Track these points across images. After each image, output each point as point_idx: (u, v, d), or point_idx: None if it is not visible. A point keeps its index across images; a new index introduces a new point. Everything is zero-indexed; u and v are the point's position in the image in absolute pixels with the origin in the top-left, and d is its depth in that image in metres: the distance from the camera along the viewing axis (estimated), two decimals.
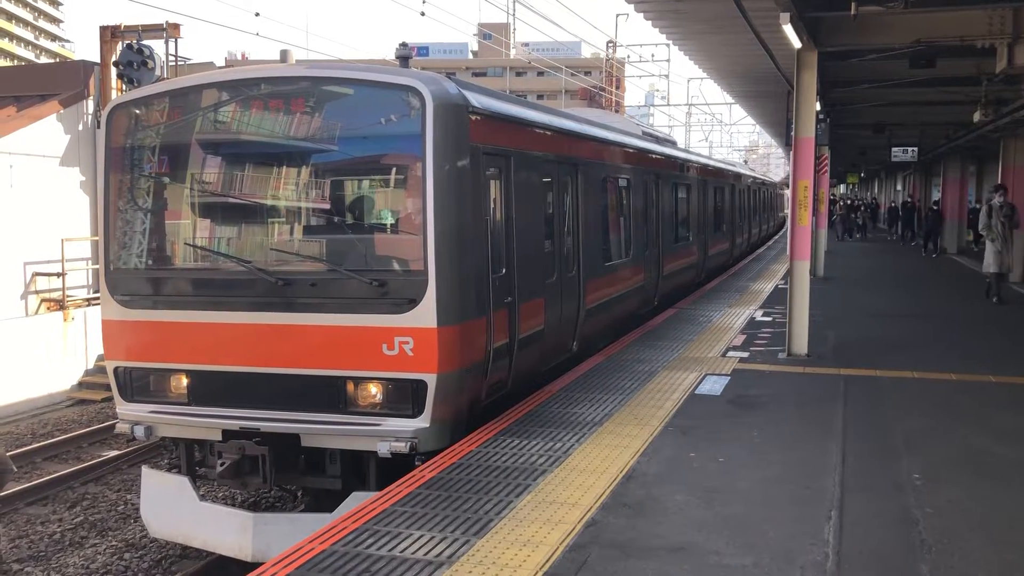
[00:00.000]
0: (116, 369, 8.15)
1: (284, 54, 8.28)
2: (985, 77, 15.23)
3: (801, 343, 11.57)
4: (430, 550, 5.29)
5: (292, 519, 7.95)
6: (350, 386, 7.45)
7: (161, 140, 8.19)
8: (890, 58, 14.06)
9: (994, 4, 11.03)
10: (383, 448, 7.19)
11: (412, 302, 7.25)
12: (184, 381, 7.90)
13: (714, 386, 9.69)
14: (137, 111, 8.28)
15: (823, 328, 13.45)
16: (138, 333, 8.04)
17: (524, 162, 9.07)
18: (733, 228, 26.13)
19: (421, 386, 7.27)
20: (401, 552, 5.26)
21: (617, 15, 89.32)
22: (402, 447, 7.17)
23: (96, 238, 17.92)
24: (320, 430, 7.49)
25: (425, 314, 7.23)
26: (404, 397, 7.33)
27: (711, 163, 24.80)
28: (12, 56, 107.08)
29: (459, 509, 5.95)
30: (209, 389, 7.83)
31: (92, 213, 19.40)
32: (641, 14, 13.31)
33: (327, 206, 8.08)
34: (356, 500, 6.85)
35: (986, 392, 9.64)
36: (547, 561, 5.14)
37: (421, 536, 5.50)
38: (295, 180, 8.07)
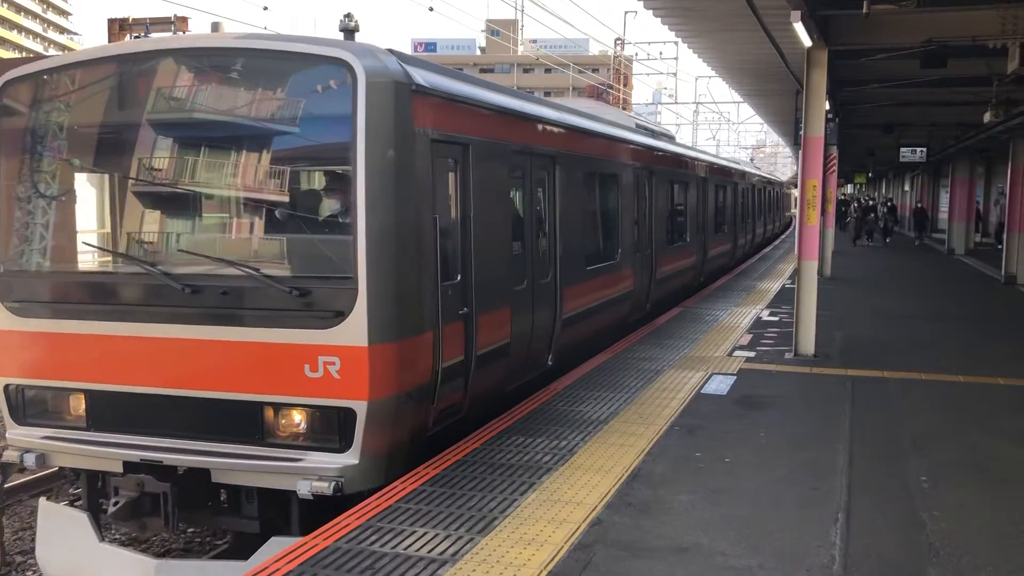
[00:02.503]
0: (6, 387, 7.05)
1: (215, 27, 7.67)
2: (996, 78, 15.12)
3: (808, 343, 11.52)
4: (434, 547, 5.26)
5: (200, 567, 6.98)
6: (268, 413, 6.44)
7: (57, 120, 7.11)
8: (901, 58, 13.98)
9: (1007, 4, 10.95)
10: (303, 488, 6.12)
11: (339, 315, 6.22)
12: (82, 403, 6.85)
13: (720, 385, 9.65)
14: (34, 87, 7.11)
15: (830, 328, 13.38)
16: (32, 345, 6.94)
17: (487, 152, 8.04)
18: (735, 228, 25.01)
19: (349, 415, 6.25)
20: (405, 549, 5.24)
21: (626, 12, 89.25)
22: (325, 488, 6.09)
23: None
24: (233, 465, 6.42)
25: (354, 330, 6.20)
26: (329, 428, 6.33)
27: (712, 159, 23.33)
28: (21, 48, 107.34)
29: (463, 507, 5.92)
30: (109, 413, 6.78)
31: None
32: (651, 11, 13.26)
33: (242, 200, 6.98)
34: (275, 547, 5.90)
35: (994, 394, 9.58)
36: (552, 560, 5.11)
37: (425, 533, 5.47)
38: (207, 169, 7.02)
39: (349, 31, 7.22)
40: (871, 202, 43.82)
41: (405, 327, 6.56)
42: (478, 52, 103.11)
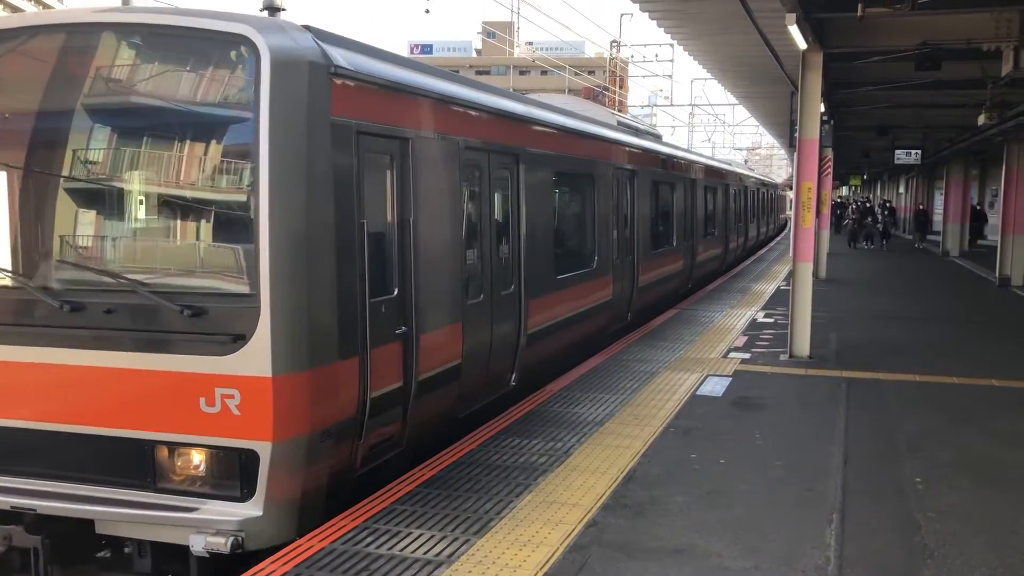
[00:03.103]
0: None
1: None
2: (990, 80, 15.18)
3: (803, 345, 11.54)
4: (430, 549, 5.26)
5: None
6: (160, 454, 5.57)
7: None
8: (895, 60, 14.02)
9: (1001, 7, 10.99)
10: (197, 543, 5.28)
11: (239, 339, 5.33)
12: None
13: (716, 387, 9.66)
14: None
15: (825, 330, 13.42)
16: None
17: (433, 148, 7.13)
18: (727, 231, 24.14)
19: (251, 458, 5.38)
20: (401, 551, 5.24)
21: (622, 15, 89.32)
22: (221, 544, 5.24)
23: None
24: (118, 515, 5.50)
25: (256, 357, 5.31)
26: (229, 472, 5.47)
27: (701, 160, 22.26)
28: None
29: (459, 508, 5.93)
30: None
31: None
32: (647, 13, 13.28)
33: (132, 200, 5.93)
34: None
35: (988, 396, 9.61)
36: (547, 561, 5.12)
37: (421, 535, 5.47)
38: (92, 162, 5.97)
39: (273, 8, 6.21)
40: (868, 204, 42.74)
41: (320, 352, 5.63)
42: (474, 54, 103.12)
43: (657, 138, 18.03)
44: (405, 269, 6.68)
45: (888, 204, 42.41)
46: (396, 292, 6.58)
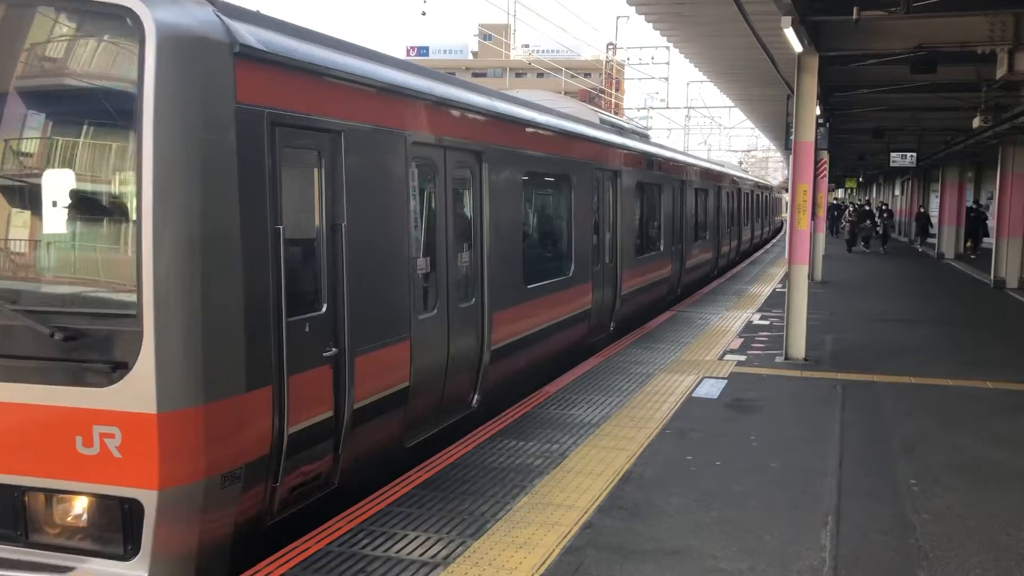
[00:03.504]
0: None
1: None
2: (985, 83, 15.23)
3: (799, 347, 11.56)
4: (426, 551, 5.27)
5: None
6: (31, 503, 4.82)
7: None
8: (891, 63, 14.06)
9: (995, 10, 11.03)
10: None
11: (119, 368, 4.58)
12: None
13: (711, 389, 9.67)
14: None
15: (820, 332, 13.45)
16: None
17: (371, 143, 6.32)
18: (718, 235, 23.36)
19: (135, 509, 4.64)
20: (396, 553, 5.24)
21: (617, 17, 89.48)
22: None
23: None
24: None
25: (139, 389, 4.56)
26: (109, 525, 4.73)
27: (691, 161, 21.43)
28: None
29: (455, 510, 5.93)
30: None
31: None
32: (643, 16, 13.32)
33: None
34: None
35: (983, 398, 9.63)
36: (543, 563, 5.13)
37: (417, 536, 5.48)
38: None
39: None
40: (866, 207, 41.71)
41: (220, 382, 4.85)
42: (470, 56, 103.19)
43: (644, 138, 17.29)
44: (336, 281, 5.88)
45: (885, 207, 41.82)
46: (325, 308, 5.81)
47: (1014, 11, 11.10)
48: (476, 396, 8.30)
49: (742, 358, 11.54)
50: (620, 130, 14.82)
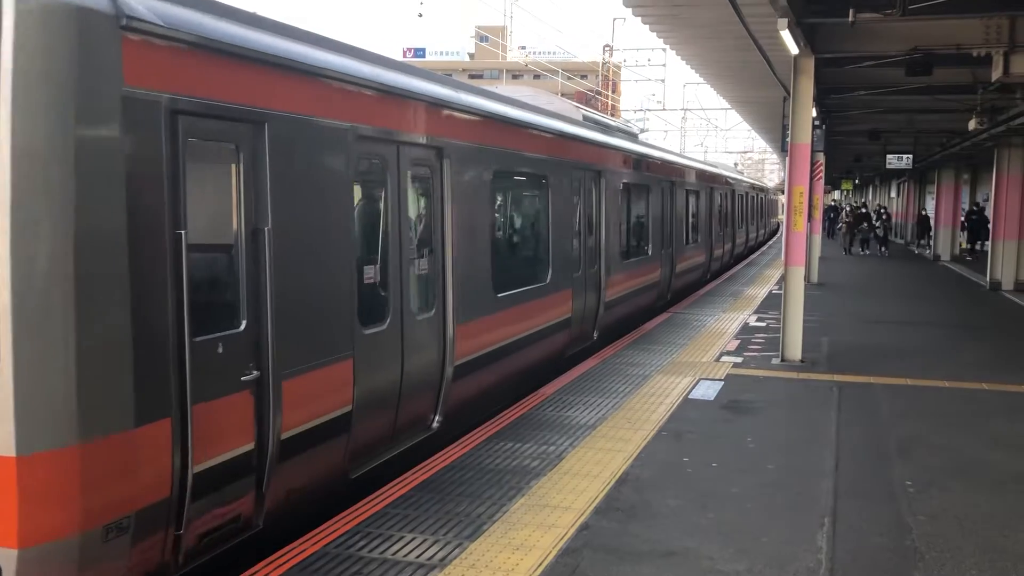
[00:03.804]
0: None
1: None
2: (981, 86, 15.26)
3: (795, 349, 11.58)
4: (422, 552, 5.26)
5: None
6: None
7: None
8: (886, 65, 14.08)
9: (991, 13, 11.06)
10: None
11: None
12: None
13: (708, 391, 9.68)
14: None
15: (817, 334, 13.46)
16: None
17: (303, 136, 5.60)
18: (711, 238, 22.70)
19: None
20: (393, 554, 5.24)
21: (614, 19, 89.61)
22: None
23: None
24: None
25: None
26: None
27: (682, 161, 20.70)
28: None
29: (452, 512, 5.93)
30: None
31: None
32: (639, 18, 13.33)
33: None
34: None
35: (979, 399, 9.65)
36: (540, 565, 5.12)
37: (413, 538, 5.47)
38: None
39: None
40: (864, 209, 40.54)
41: (100, 417, 4.16)
42: (467, 58, 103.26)
43: (632, 137, 16.50)
44: (258, 294, 5.19)
45: (884, 209, 40.78)
46: (244, 325, 5.10)
47: (1009, 14, 11.14)
48: (437, 417, 7.60)
49: (738, 360, 11.55)
50: (605, 128, 14.15)
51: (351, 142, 6.17)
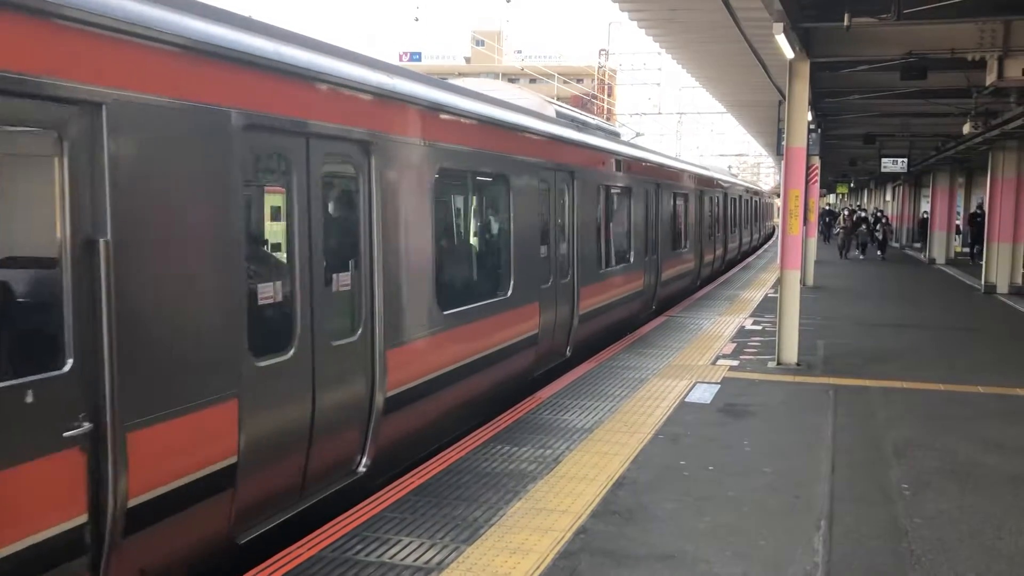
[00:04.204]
0: None
1: None
2: (975, 89, 15.33)
3: (791, 352, 11.59)
4: (419, 556, 5.26)
5: None
6: None
7: None
8: (881, 69, 14.15)
9: (985, 17, 11.11)
10: None
11: None
12: None
13: (704, 394, 9.69)
14: None
15: (813, 337, 13.49)
16: None
17: (162, 124, 4.56)
18: (700, 243, 21.61)
19: None
20: (390, 558, 5.23)
21: (609, 23, 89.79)
22: None
23: None
24: None
25: None
26: None
27: (669, 162, 19.48)
28: None
29: (448, 515, 5.92)
30: None
31: None
32: (635, 22, 13.37)
33: None
34: None
35: (974, 402, 9.67)
36: (537, 568, 5.12)
37: (410, 542, 5.47)
38: None
39: None
40: (863, 212, 39.03)
41: None
42: (463, 62, 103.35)
43: (613, 135, 15.38)
44: (92, 324, 4.12)
45: (882, 213, 39.18)
46: (70, 365, 4.04)
47: (1003, 18, 11.19)
48: (364, 459, 6.48)
49: (735, 363, 11.57)
50: (582, 126, 12.97)
51: (235, 131, 5.03)
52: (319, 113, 5.88)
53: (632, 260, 14.72)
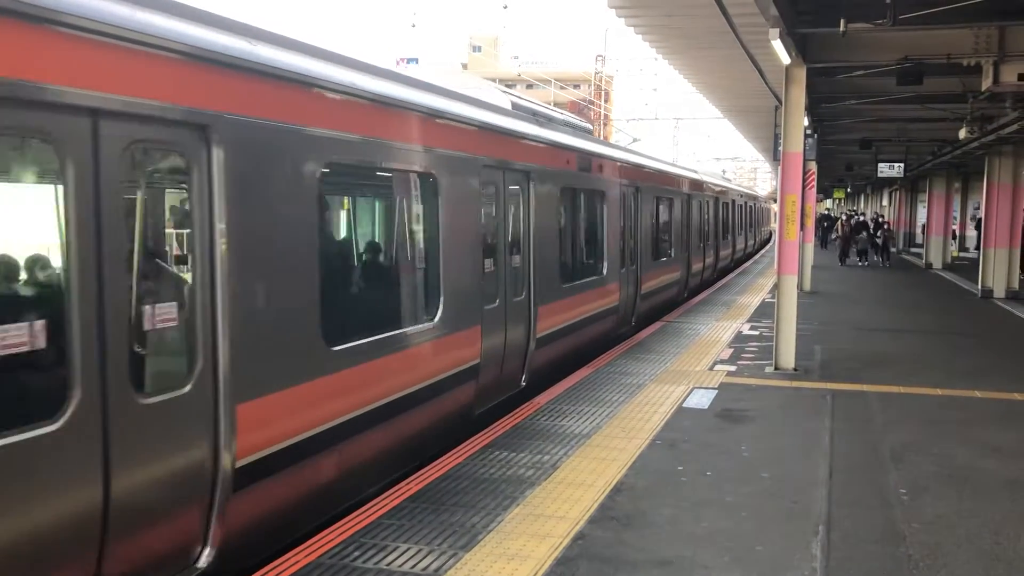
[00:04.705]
0: None
1: None
2: (971, 95, 15.37)
3: (788, 357, 11.60)
4: (417, 563, 5.25)
5: None
6: None
7: None
8: (877, 75, 14.18)
9: (980, 23, 11.15)
10: None
11: None
12: None
13: (702, 399, 9.69)
14: None
15: (810, 342, 13.49)
16: None
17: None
18: (688, 251, 20.08)
19: None
20: (388, 565, 5.22)
21: (606, 29, 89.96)
22: None
23: None
24: None
25: None
26: None
27: (649, 164, 17.48)
28: None
29: (446, 522, 5.91)
30: None
31: None
32: (631, 28, 13.39)
33: None
34: None
35: (971, 407, 9.67)
36: (535, 574, 5.12)
37: (408, 549, 5.46)
38: None
39: None
40: (862, 217, 36.89)
41: None
42: (460, 68, 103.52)
43: (583, 132, 13.54)
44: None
45: (882, 218, 37.45)
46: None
47: (999, 23, 11.23)
48: (206, 551, 5.01)
49: (732, 368, 11.57)
50: (546, 120, 11.52)
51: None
52: (102, 80, 4.30)
53: (605, 272, 13.19)
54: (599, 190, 13.04)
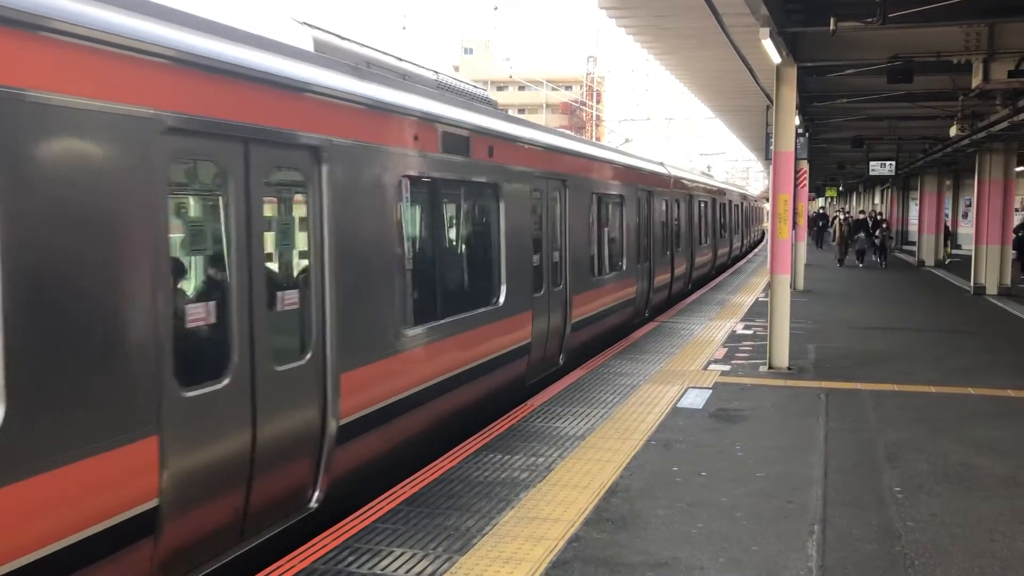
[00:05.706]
0: None
1: None
2: (961, 92, 15.42)
3: (782, 356, 11.60)
4: (412, 567, 5.23)
5: None
6: None
7: None
8: (868, 73, 14.22)
9: (970, 21, 11.18)
10: None
11: None
12: None
13: (696, 399, 9.68)
14: None
15: (804, 341, 13.51)
16: None
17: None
18: (650, 263, 16.65)
19: None
20: (383, 570, 5.20)
21: (597, 30, 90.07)
22: None
23: None
24: None
25: None
26: None
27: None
28: None
29: (441, 525, 5.89)
30: None
31: None
32: (622, 28, 13.40)
33: None
34: None
35: (966, 404, 9.69)
36: None
37: (403, 553, 5.44)
38: None
39: None
40: (862, 215, 34.22)
41: None
42: (452, 70, 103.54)
43: (486, 103, 10.18)
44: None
45: (880, 216, 35.84)
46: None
47: (988, 21, 11.26)
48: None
49: (726, 368, 11.57)
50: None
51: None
52: None
53: (504, 301, 9.27)
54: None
